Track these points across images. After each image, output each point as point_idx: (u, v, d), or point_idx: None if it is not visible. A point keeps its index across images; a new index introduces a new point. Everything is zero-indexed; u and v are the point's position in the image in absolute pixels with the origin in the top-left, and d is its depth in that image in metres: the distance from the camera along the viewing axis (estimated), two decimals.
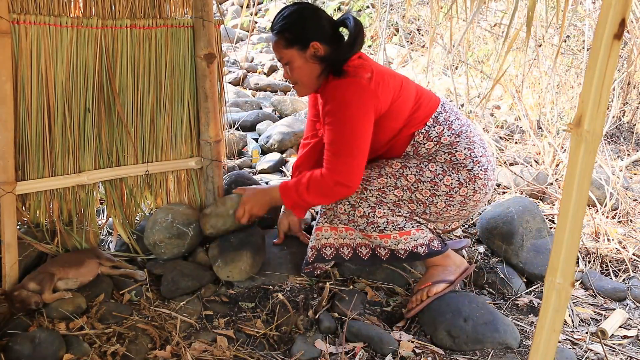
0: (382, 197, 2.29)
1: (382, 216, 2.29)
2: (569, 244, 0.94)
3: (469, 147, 2.31)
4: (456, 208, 2.32)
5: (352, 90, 2.17)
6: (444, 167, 2.28)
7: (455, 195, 2.28)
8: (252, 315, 2.24)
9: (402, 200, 2.29)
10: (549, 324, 0.97)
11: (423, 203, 2.28)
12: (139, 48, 2.34)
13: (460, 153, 2.29)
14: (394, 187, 2.28)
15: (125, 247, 2.52)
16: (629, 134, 5.30)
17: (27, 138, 2.18)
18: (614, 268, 2.94)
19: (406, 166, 2.29)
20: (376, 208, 2.29)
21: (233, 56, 6.87)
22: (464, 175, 2.27)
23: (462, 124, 2.37)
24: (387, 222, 2.29)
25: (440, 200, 2.28)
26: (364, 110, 2.18)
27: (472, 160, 2.29)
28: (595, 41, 0.88)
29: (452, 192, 2.27)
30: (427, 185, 2.26)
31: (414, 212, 2.32)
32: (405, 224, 2.31)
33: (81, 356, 1.88)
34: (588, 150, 0.90)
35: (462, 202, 2.31)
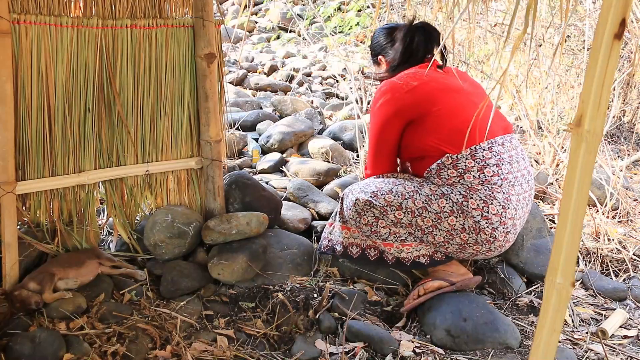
0: (384, 214, 2.33)
1: (384, 227, 2.36)
2: (570, 243, 0.94)
3: (486, 200, 2.22)
4: (454, 248, 2.31)
5: (383, 89, 2.42)
6: (453, 208, 2.23)
7: (456, 237, 2.27)
8: (253, 315, 2.24)
9: (401, 223, 2.32)
10: (550, 324, 0.97)
11: (422, 230, 2.31)
12: (139, 48, 2.34)
13: (474, 202, 2.22)
14: (397, 208, 2.30)
15: (126, 247, 2.52)
16: (629, 133, 5.30)
17: (27, 138, 2.18)
18: (614, 268, 2.94)
19: (418, 191, 2.29)
20: (379, 219, 2.35)
21: (233, 56, 6.87)
22: (469, 223, 2.23)
23: (500, 175, 2.25)
24: (390, 233, 2.36)
25: (439, 234, 2.29)
26: (386, 118, 2.39)
27: (482, 215, 2.21)
28: (595, 41, 0.88)
29: (453, 232, 2.26)
30: (431, 215, 2.27)
31: (413, 234, 2.35)
32: (407, 236, 2.36)
33: (81, 356, 1.89)
34: (588, 150, 0.90)
35: (461, 246, 2.29)
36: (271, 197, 2.75)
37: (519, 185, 2.31)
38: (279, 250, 2.56)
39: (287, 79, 6.13)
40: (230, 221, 2.45)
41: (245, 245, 2.42)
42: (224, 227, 2.43)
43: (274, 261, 2.50)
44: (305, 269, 2.54)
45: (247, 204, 2.64)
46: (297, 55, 7.24)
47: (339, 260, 2.58)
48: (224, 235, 2.43)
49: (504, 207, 2.24)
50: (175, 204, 2.60)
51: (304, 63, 6.66)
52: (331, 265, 2.57)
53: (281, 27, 8.55)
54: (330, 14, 7.05)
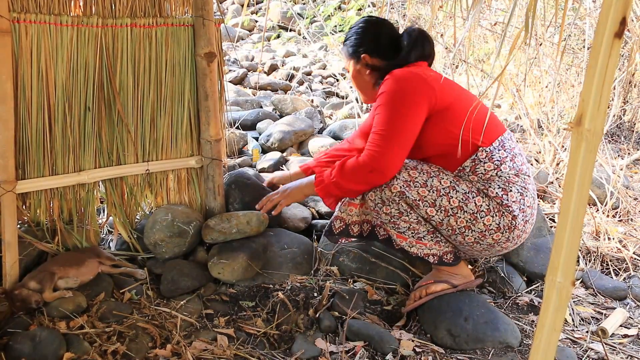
0: (415, 207, 2.21)
1: (405, 222, 2.25)
2: (570, 242, 0.94)
3: (522, 192, 2.19)
4: (481, 247, 2.25)
5: (405, 77, 2.18)
6: (490, 206, 2.15)
7: (488, 237, 2.20)
8: (253, 314, 2.24)
9: (432, 219, 2.20)
10: (550, 323, 0.97)
11: (453, 230, 2.20)
12: (139, 47, 2.34)
13: (513, 195, 2.16)
14: (430, 204, 2.17)
15: (126, 246, 2.52)
16: (629, 132, 5.30)
17: (27, 137, 2.18)
18: (614, 267, 2.94)
19: (454, 188, 2.16)
20: (403, 215, 2.23)
21: (233, 55, 6.87)
22: (505, 222, 2.16)
23: (523, 162, 2.26)
24: (409, 228, 2.26)
25: (471, 234, 2.20)
26: (413, 100, 2.15)
27: (520, 208, 2.17)
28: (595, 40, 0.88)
29: (487, 233, 2.18)
30: (467, 216, 2.16)
31: (439, 232, 2.28)
32: (425, 235, 2.27)
33: (81, 355, 1.89)
34: (589, 149, 0.90)
35: (490, 245, 2.23)
36: None
37: (531, 177, 2.31)
38: (279, 249, 2.56)
39: (287, 78, 6.13)
40: (230, 220, 2.45)
41: (246, 244, 2.43)
42: (224, 226, 2.43)
43: (274, 260, 2.50)
44: (306, 268, 2.54)
45: (247, 203, 2.64)
46: (297, 54, 7.23)
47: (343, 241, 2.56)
48: (224, 234, 2.43)
49: (533, 197, 2.24)
50: (175, 203, 2.60)
51: (304, 62, 6.66)
52: (331, 264, 2.57)
53: (281, 26, 8.55)
54: (330, 12, 7.03)
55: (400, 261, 2.57)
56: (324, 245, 2.64)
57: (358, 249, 2.58)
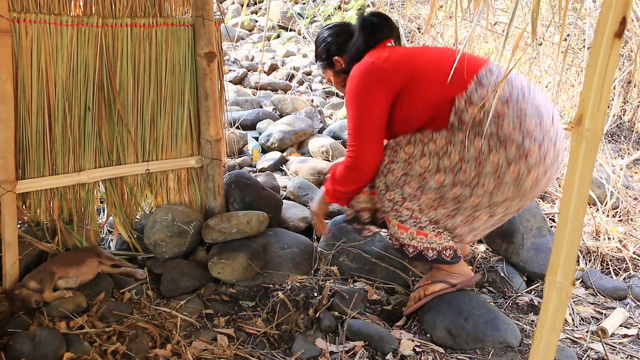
0: (423, 184, 2.16)
1: (408, 209, 2.22)
2: (570, 242, 0.94)
3: (518, 118, 2.03)
4: (511, 189, 2.08)
5: (357, 73, 2.20)
6: (490, 143, 2.04)
7: (505, 176, 2.05)
8: (253, 314, 2.24)
9: (445, 186, 2.13)
10: (550, 323, 0.97)
11: (468, 185, 2.10)
12: (139, 47, 2.34)
13: (509, 123, 2.02)
14: (435, 171, 2.12)
15: (126, 246, 2.52)
16: (629, 132, 5.30)
17: (27, 137, 2.18)
18: (614, 267, 2.94)
19: (450, 142, 2.09)
20: (406, 200, 2.21)
21: (233, 55, 6.87)
22: (512, 152, 2.02)
23: (513, 88, 2.10)
24: (411, 217, 2.23)
25: (487, 180, 2.07)
26: (369, 91, 2.16)
27: (522, 133, 2.02)
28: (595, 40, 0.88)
29: (500, 172, 2.04)
30: (471, 164, 2.07)
31: (458, 201, 2.15)
32: (427, 225, 2.24)
33: (81, 355, 1.89)
34: (589, 149, 0.90)
35: (517, 182, 2.06)
36: (271, 196, 2.75)
37: (536, 95, 2.16)
38: (279, 249, 2.56)
39: (287, 78, 6.13)
40: (230, 220, 2.45)
41: (246, 244, 2.43)
42: (224, 226, 2.43)
43: (274, 260, 2.50)
44: (306, 268, 2.54)
45: (247, 203, 2.64)
46: (297, 54, 7.23)
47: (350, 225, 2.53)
48: (224, 234, 2.43)
49: (539, 115, 2.09)
50: (175, 202, 2.60)
51: (304, 62, 6.66)
52: (331, 264, 2.57)
53: (281, 26, 8.55)
54: (330, 12, 7.03)
55: (400, 261, 2.57)
56: (324, 245, 2.64)
57: (358, 249, 2.58)
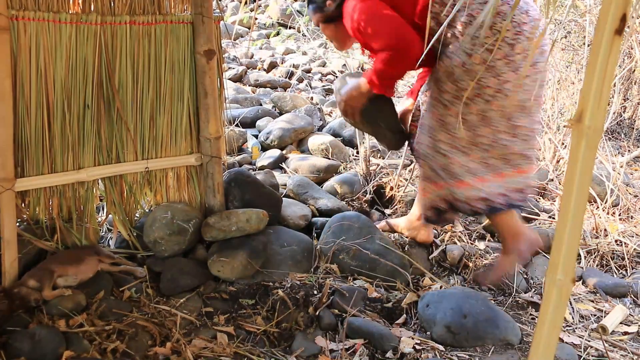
0: (442, 126, 2.31)
1: (457, 164, 2.33)
2: (570, 240, 0.94)
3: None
4: (520, 98, 2.20)
5: (354, 4, 2.28)
6: (464, 50, 2.18)
7: (504, 89, 2.18)
8: (252, 312, 2.24)
9: (480, 112, 2.24)
10: (550, 320, 0.97)
11: (480, 97, 2.21)
12: (138, 44, 2.33)
13: (476, 56, 2.16)
14: (452, 133, 2.28)
15: (125, 244, 2.51)
16: (629, 129, 5.29)
17: (26, 135, 2.17)
18: (614, 264, 2.94)
19: (444, 82, 2.27)
20: (448, 155, 2.33)
21: (233, 52, 6.86)
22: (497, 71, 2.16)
23: (474, 10, 2.18)
24: (466, 171, 2.33)
25: (494, 99, 2.20)
26: (375, 3, 2.25)
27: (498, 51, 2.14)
28: (596, 37, 0.88)
29: (501, 88, 2.18)
30: (467, 78, 2.20)
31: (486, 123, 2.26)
32: (479, 169, 2.32)
33: (81, 353, 1.88)
34: (589, 146, 0.90)
35: (516, 79, 2.17)
36: (271, 194, 2.75)
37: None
38: (279, 247, 2.56)
39: (286, 76, 6.12)
40: (230, 218, 2.45)
41: (245, 242, 2.42)
42: (224, 224, 2.43)
43: (274, 258, 2.50)
44: (305, 266, 2.54)
45: (246, 201, 2.64)
46: (297, 51, 7.23)
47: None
48: (223, 232, 2.42)
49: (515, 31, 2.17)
50: (174, 200, 2.59)
51: (304, 59, 6.65)
52: (331, 262, 2.57)
53: (281, 24, 8.54)
54: None
55: (400, 259, 2.57)
56: (324, 243, 2.64)
57: (358, 247, 2.57)
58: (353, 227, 2.65)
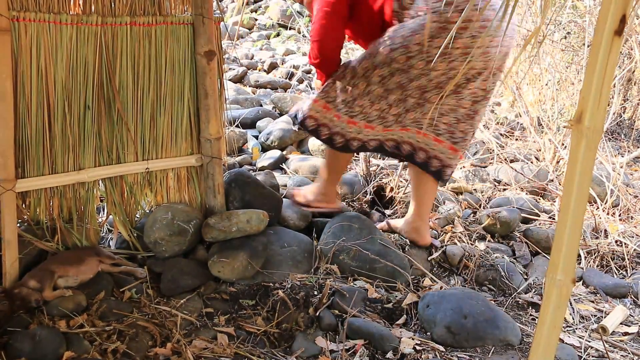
0: (368, 84, 2.47)
1: (360, 106, 2.51)
2: (570, 240, 0.94)
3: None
4: (442, 63, 2.32)
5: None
6: (412, 26, 2.31)
7: (430, 50, 2.30)
8: (253, 313, 2.24)
9: (384, 78, 2.42)
10: (550, 321, 0.97)
11: (404, 71, 2.37)
12: (138, 45, 2.34)
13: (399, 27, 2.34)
14: (372, 69, 2.43)
15: (126, 245, 2.51)
16: (629, 130, 5.29)
17: (27, 135, 2.18)
18: (614, 265, 2.94)
19: (378, 42, 2.41)
20: (358, 99, 2.51)
21: (233, 53, 6.86)
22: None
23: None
24: (361, 113, 2.53)
25: (416, 62, 2.33)
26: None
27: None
28: (595, 37, 0.88)
29: (424, 48, 2.30)
30: (400, 50, 2.34)
31: (404, 88, 2.42)
32: (375, 119, 2.54)
33: (81, 354, 1.88)
34: (589, 146, 0.90)
35: (442, 55, 2.30)
36: (271, 194, 2.75)
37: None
38: (279, 247, 2.56)
39: (287, 77, 6.12)
40: (230, 219, 2.45)
41: (246, 242, 2.42)
42: (224, 225, 2.43)
43: (274, 259, 2.50)
44: (306, 267, 2.54)
45: (247, 201, 2.64)
46: (297, 52, 7.23)
47: (299, 129, 2.84)
48: (224, 232, 2.42)
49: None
50: (175, 201, 2.60)
51: (304, 60, 6.65)
52: (331, 262, 2.57)
53: (281, 25, 8.54)
54: None
55: (400, 259, 2.57)
56: (324, 244, 2.64)
57: (358, 247, 2.57)
58: (353, 227, 2.65)
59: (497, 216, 3.01)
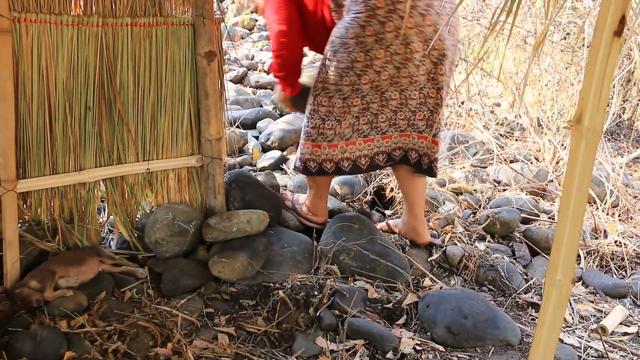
0: (339, 93, 2.49)
1: (330, 128, 2.54)
2: (570, 240, 0.94)
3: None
4: (401, 46, 2.37)
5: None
6: (357, 22, 2.36)
7: (373, 65, 2.40)
8: (253, 313, 2.24)
9: (337, 84, 2.46)
10: (550, 321, 0.98)
11: (350, 69, 2.42)
12: (139, 46, 2.34)
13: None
14: (326, 81, 2.48)
15: (126, 245, 2.52)
16: (629, 130, 5.30)
17: (28, 136, 2.18)
18: (614, 265, 2.95)
19: (337, 51, 2.44)
20: (326, 120, 2.54)
21: (233, 54, 6.86)
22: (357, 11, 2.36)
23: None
24: (335, 134, 2.55)
25: (359, 52, 2.39)
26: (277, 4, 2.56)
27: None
28: (595, 38, 0.88)
29: (378, 36, 2.36)
30: (341, 50, 2.41)
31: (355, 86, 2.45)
32: (351, 135, 2.56)
33: (82, 354, 1.89)
34: (588, 147, 0.91)
35: (385, 56, 2.38)
36: (272, 195, 2.75)
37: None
38: (280, 247, 2.56)
39: None
40: (230, 219, 2.46)
41: (246, 243, 2.43)
42: (225, 225, 2.43)
43: (275, 259, 2.51)
44: (306, 267, 2.54)
45: (247, 202, 2.64)
46: None
47: (300, 173, 2.78)
48: (224, 233, 2.43)
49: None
50: (175, 201, 2.60)
51: (304, 61, 6.64)
52: (332, 262, 2.57)
53: None
54: None
55: (400, 259, 2.58)
56: (324, 244, 2.64)
57: (358, 247, 2.58)
58: (353, 228, 2.66)
59: (496, 217, 3.01)
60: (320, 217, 2.79)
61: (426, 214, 3.07)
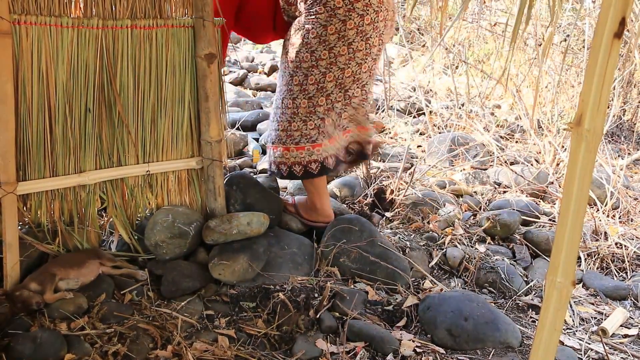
0: (303, 93, 2.53)
1: (313, 128, 2.57)
2: (570, 242, 0.94)
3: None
4: (362, 42, 2.45)
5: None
6: (319, 22, 2.42)
7: (337, 62, 2.46)
8: (253, 315, 2.24)
9: (302, 84, 2.52)
10: (550, 323, 0.97)
11: (315, 67, 2.48)
12: (139, 48, 2.34)
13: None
14: (304, 77, 2.51)
15: (126, 247, 2.52)
16: (629, 132, 5.30)
17: (28, 138, 2.18)
18: (614, 267, 2.94)
19: (299, 51, 2.50)
20: (307, 121, 2.57)
21: (233, 56, 6.87)
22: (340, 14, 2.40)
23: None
24: (302, 135, 2.58)
25: (323, 50, 2.45)
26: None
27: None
28: (595, 40, 0.88)
29: (340, 34, 2.42)
30: (303, 50, 2.48)
31: (340, 84, 2.51)
32: (317, 137, 2.58)
33: (82, 356, 1.89)
34: (588, 149, 0.90)
35: (348, 53, 2.45)
36: (272, 197, 2.75)
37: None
38: (280, 250, 2.56)
39: None
40: (231, 221, 2.45)
41: (246, 245, 2.43)
42: (225, 227, 2.43)
43: (275, 261, 2.51)
44: (306, 269, 2.54)
45: (247, 204, 2.64)
46: None
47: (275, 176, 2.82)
48: (224, 235, 2.43)
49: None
50: (176, 204, 2.60)
51: None
52: (332, 265, 2.57)
53: None
54: None
55: (401, 262, 2.57)
56: (325, 246, 2.64)
57: (358, 249, 2.58)
58: (354, 230, 2.66)
59: (497, 218, 3.01)
60: (326, 217, 2.80)
61: (427, 216, 3.07)
